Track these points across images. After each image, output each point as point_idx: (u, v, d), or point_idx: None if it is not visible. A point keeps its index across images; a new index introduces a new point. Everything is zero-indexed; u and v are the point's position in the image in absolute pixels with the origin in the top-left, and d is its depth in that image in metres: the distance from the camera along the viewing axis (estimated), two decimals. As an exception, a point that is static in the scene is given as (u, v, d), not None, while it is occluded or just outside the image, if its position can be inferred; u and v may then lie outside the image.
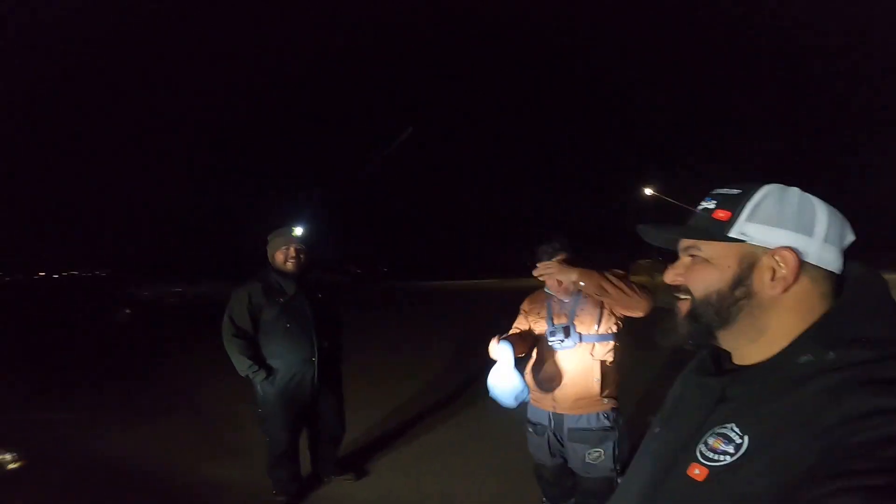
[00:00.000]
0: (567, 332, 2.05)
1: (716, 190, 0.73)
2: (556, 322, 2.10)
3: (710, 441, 0.62)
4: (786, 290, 0.65)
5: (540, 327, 2.16)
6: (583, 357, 2.05)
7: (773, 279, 0.65)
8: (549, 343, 2.06)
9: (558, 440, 2.06)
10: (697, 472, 0.61)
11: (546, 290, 2.22)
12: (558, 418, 2.06)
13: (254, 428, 3.06)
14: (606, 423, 2.02)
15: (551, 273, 1.91)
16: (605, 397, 2.04)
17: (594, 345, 2.04)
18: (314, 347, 2.82)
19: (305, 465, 3.09)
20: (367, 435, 3.92)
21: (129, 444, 3.82)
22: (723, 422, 0.63)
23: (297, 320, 2.80)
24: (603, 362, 2.05)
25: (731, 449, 0.59)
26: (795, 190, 0.68)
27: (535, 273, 1.98)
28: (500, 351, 1.90)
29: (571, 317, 2.07)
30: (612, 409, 2.05)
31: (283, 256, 2.84)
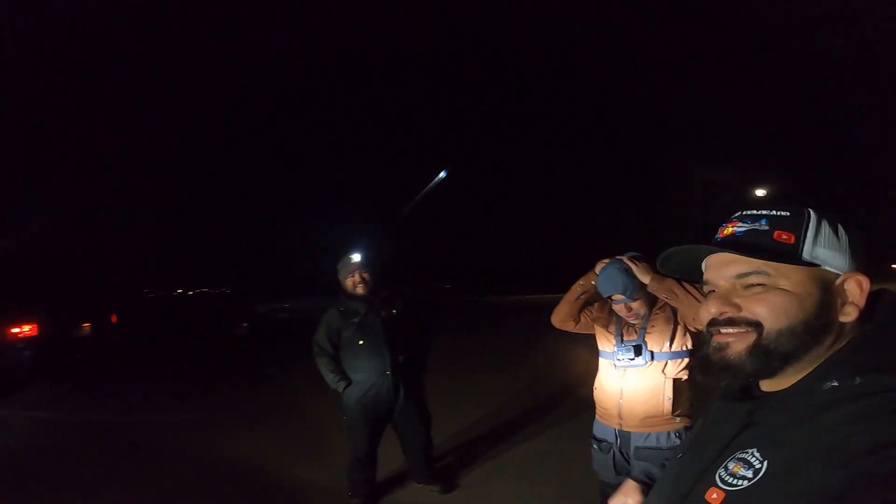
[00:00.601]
0: (638, 350, 1.99)
1: (749, 211, 0.69)
2: (625, 339, 2.04)
3: (731, 466, 0.61)
4: (858, 316, 0.62)
5: (607, 343, 2.12)
6: (653, 375, 1.97)
7: (843, 305, 0.63)
8: (618, 361, 2.01)
9: (625, 458, 1.99)
10: (715, 496, 0.60)
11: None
12: (625, 435, 2.00)
13: (340, 434, 3.31)
14: (677, 441, 1.91)
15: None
16: (678, 416, 1.94)
17: (666, 362, 1.96)
18: (387, 361, 3.01)
19: (385, 470, 3.25)
20: (460, 449, 4.01)
21: (239, 444, 4.28)
22: (745, 447, 0.62)
23: (369, 337, 3.02)
24: (676, 380, 1.96)
25: (749, 474, 0.58)
26: (834, 214, 0.66)
27: (613, 307, 2.03)
28: None
29: (642, 334, 2.01)
30: (685, 427, 1.94)
31: (352, 283, 3.07)
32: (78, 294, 9.11)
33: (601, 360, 2.15)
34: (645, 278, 1.90)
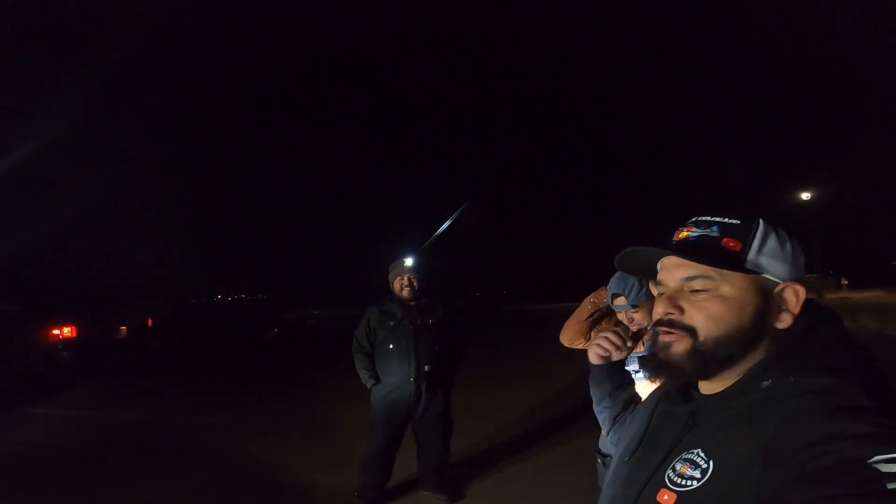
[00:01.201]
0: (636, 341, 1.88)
1: (703, 217, 0.71)
2: (633, 352, 1.93)
3: (678, 467, 0.63)
4: (792, 323, 0.64)
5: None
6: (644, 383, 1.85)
7: (780, 312, 0.65)
8: None
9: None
10: (666, 497, 0.62)
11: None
12: (628, 450, 1.88)
13: (359, 443, 3.32)
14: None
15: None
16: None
17: None
18: (411, 368, 3.01)
19: (396, 475, 3.22)
20: (471, 457, 3.96)
21: (259, 449, 4.32)
22: (690, 447, 0.64)
23: (399, 342, 3.06)
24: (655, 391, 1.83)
25: (697, 474, 0.60)
26: (784, 225, 0.69)
27: (615, 311, 1.94)
28: None
29: (649, 347, 1.90)
30: None
31: (399, 285, 3.15)
32: (116, 299, 9.56)
33: None
34: (655, 290, 1.79)
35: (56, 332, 6.93)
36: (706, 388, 0.69)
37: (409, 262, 3.20)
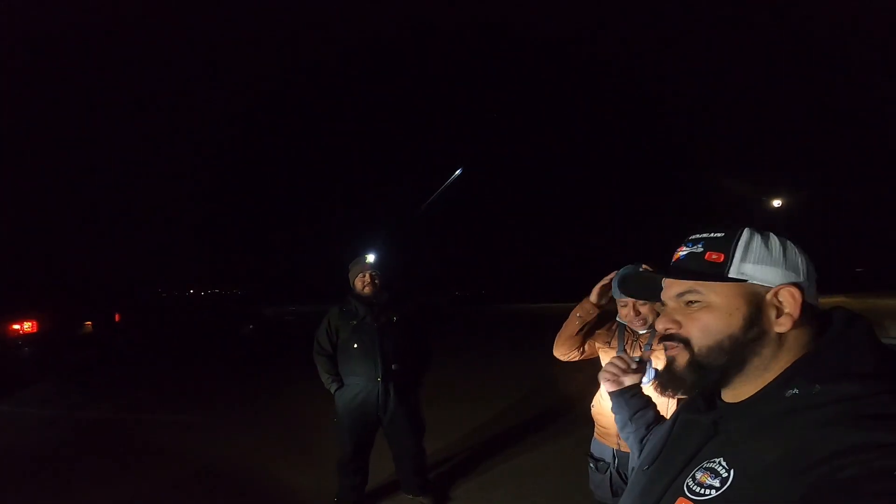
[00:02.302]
0: (641, 366, 1.83)
1: (693, 235, 0.73)
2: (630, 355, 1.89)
3: (698, 475, 0.62)
4: (793, 326, 0.64)
5: (608, 360, 1.95)
6: (655, 395, 1.81)
7: (778, 317, 0.65)
8: None
9: (622, 478, 1.83)
10: None
11: (618, 319, 2.02)
12: (623, 456, 1.85)
13: (335, 440, 3.19)
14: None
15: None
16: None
17: None
18: (378, 367, 2.90)
19: (378, 477, 3.12)
20: (454, 459, 3.89)
21: (235, 446, 4.19)
22: (712, 456, 0.63)
23: (363, 342, 2.94)
24: (680, 401, 1.79)
25: (717, 483, 0.59)
26: (770, 231, 0.70)
27: (620, 310, 1.92)
28: None
29: (647, 350, 1.85)
30: None
31: (361, 282, 3.03)
32: (80, 293, 9.15)
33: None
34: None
35: (16, 326, 6.57)
36: (729, 396, 0.69)
37: (370, 258, 3.10)
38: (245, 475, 3.59)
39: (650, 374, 1.80)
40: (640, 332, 1.92)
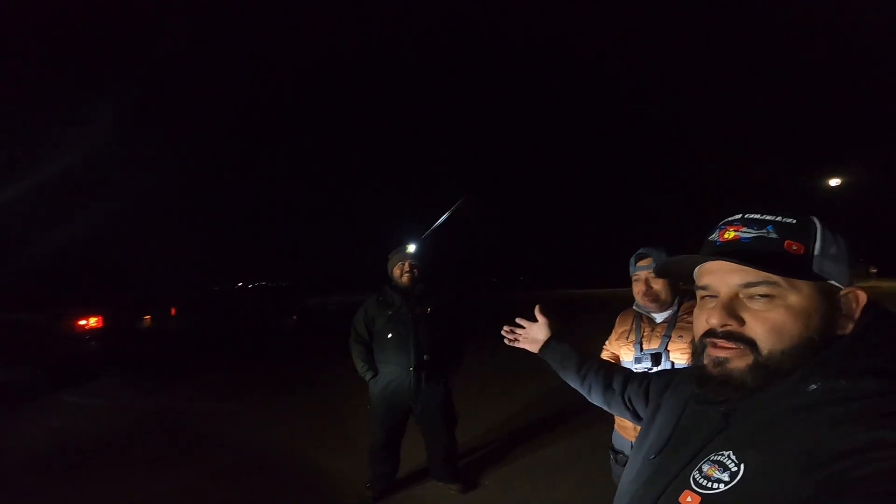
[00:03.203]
0: (657, 359, 1.81)
1: (751, 215, 0.65)
2: (645, 347, 1.86)
3: (705, 468, 0.60)
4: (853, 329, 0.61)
5: (626, 353, 1.93)
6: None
7: (841, 318, 0.61)
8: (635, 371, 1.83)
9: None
10: (689, 499, 0.59)
11: (635, 306, 1.99)
12: (641, 449, 1.82)
13: (369, 426, 3.32)
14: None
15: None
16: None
17: None
18: (411, 357, 2.98)
19: (409, 464, 3.24)
20: (484, 448, 3.96)
21: (276, 434, 4.43)
22: (720, 449, 0.61)
23: (398, 331, 3.02)
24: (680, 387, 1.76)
25: (725, 476, 0.57)
26: (834, 223, 0.64)
27: (634, 282, 1.93)
28: None
29: (665, 342, 1.82)
30: None
31: (399, 271, 3.10)
32: (140, 288, 9.78)
33: None
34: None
35: (83, 322, 7.13)
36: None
37: (410, 248, 3.15)
38: (285, 462, 3.80)
39: (665, 366, 1.78)
40: (656, 316, 1.88)
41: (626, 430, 1.92)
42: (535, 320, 1.34)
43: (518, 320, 1.40)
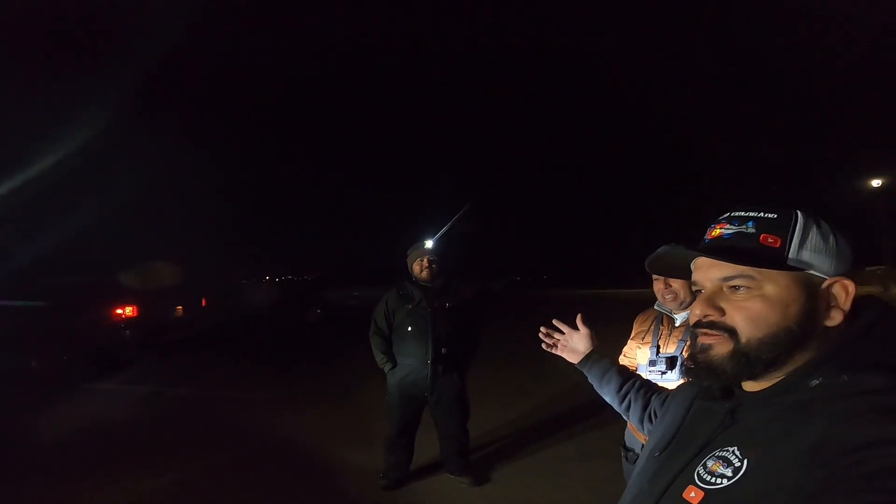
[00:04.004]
0: (672, 363, 1.81)
1: (735, 212, 0.68)
2: (662, 351, 1.87)
3: (710, 464, 0.61)
4: (845, 319, 0.61)
5: (641, 355, 1.94)
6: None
7: (828, 309, 0.62)
8: (648, 374, 1.83)
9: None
10: (693, 494, 0.60)
11: (657, 305, 1.99)
12: (653, 448, 1.84)
13: (385, 417, 3.41)
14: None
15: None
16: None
17: None
18: (428, 350, 3.06)
19: (423, 457, 3.33)
20: (497, 443, 4.02)
21: (294, 424, 4.58)
22: (724, 445, 0.62)
23: (417, 325, 3.11)
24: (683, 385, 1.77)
25: (729, 472, 0.58)
26: (823, 216, 0.65)
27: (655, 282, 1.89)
28: None
29: (681, 346, 1.81)
30: None
31: (419, 267, 3.18)
32: (173, 280, 10.14)
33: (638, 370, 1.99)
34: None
35: (119, 311, 7.46)
36: (749, 385, 0.66)
37: (429, 244, 3.21)
38: (304, 450, 3.93)
39: (679, 370, 1.78)
40: (676, 315, 1.89)
41: (636, 430, 1.94)
42: (576, 328, 1.31)
43: (556, 323, 1.34)
